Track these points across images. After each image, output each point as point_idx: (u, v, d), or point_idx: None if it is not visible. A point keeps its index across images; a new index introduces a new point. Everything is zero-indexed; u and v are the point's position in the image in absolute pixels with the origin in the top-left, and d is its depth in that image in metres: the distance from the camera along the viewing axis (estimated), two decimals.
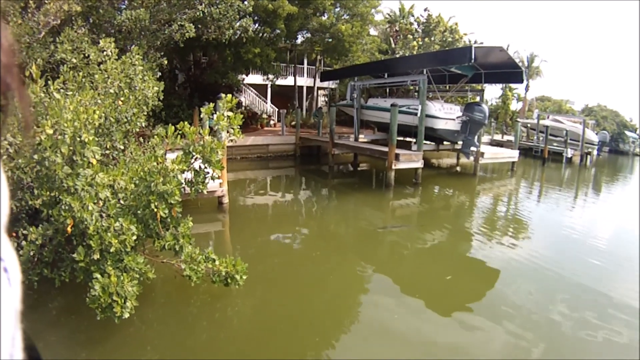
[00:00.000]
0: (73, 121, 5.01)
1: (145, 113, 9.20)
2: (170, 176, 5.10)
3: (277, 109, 31.09)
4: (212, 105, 5.75)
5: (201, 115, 5.66)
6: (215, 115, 5.81)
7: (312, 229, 11.69)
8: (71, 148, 5.11)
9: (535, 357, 5.59)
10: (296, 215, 13.22)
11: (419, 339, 5.98)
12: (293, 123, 27.12)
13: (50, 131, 4.92)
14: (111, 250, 4.83)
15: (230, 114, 5.73)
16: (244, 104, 30.59)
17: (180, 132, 5.54)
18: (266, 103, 32.22)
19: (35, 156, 5.14)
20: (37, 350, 0.74)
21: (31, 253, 5.52)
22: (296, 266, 8.60)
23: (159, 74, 17.93)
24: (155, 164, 5.16)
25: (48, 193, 5.39)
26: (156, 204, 5.05)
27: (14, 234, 5.78)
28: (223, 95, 5.80)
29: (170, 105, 20.29)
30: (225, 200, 11.95)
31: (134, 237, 5.01)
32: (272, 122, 30.90)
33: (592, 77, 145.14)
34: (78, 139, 5.07)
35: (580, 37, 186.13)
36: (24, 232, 5.57)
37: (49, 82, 5.84)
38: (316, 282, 7.82)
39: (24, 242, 5.53)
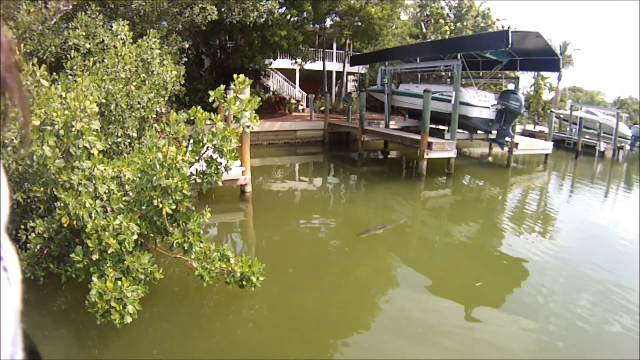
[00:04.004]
0: (64, 110, 4.54)
1: (166, 98, 8.84)
2: (174, 169, 4.58)
3: (305, 94, 30.50)
4: (222, 87, 5.18)
5: (210, 99, 5.12)
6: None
7: (338, 220, 11.16)
8: (65, 139, 4.66)
9: (556, 355, 5.33)
10: (323, 206, 12.69)
11: (443, 337, 5.63)
12: (322, 108, 26.57)
13: (37, 122, 4.47)
14: (109, 251, 4.37)
15: (243, 96, 5.18)
16: (271, 88, 30.19)
17: (187, 117, 5.07)
18: (294, 88, 31.69)
19: (22, 150, 4.73)
20: (37, 350, 0.72)
21: (37, 247, 5.21)
22: (320, 261, 8.11)
23: (185, 59, 17.70)
24: (160, 155, 4.65)
25: (42, 189, 4.98)
26: (160, 199, 4.55)
27: (23, 227, 5.52)
28: (235, 75, 5.24)
29: (195, 90, 19.96)
30: (248, 189, 11.49)
31: (134, 237, 4.53)
32: (300, 107, 30.36)
33: (623, 68, 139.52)
34: (72, 129, 4.60)
35: (611, 27, 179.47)
36: (32, 224, 5.24)
37: (35, 68, 5.40)
38: (341, 279, 7.34)
39: (31, 235, 5.24)
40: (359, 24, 24.85)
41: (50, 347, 5.07)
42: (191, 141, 5.23)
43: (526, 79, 38.97)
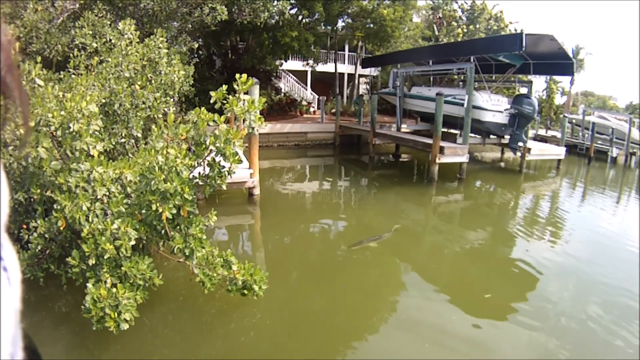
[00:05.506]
0: (59, 111, 4.40)
1: (175, 99, 8.74)
2: (173, 172, 4.41)
3: (317, 96, 30.40)
4: (225, 87, 5.02)
5: (211, 100, 4.96)
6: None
7: (348, 224, 11.00)
8: (62, 141, 4.54)
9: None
10: (332, 209, 12.53)
11: (450, 348, 5.50)
12: (333, 111, 26.42)
13: (32, 123, 4.34)
14: (105, 256, 4.22)
15: (247, 97, 5.01)
16: (283, 90, 30.07)
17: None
18: (306, 90, 31.57)
19: (17, 152, 4.62)
20: (37, 350, 0.72)
21: (38, 247, 5.14)
22: (327, 266, 7.96)
23: (197, 59, 17.64)
24: (160, 157, 4.49)
25: (39, 191, 4.86)
26: (158, 204, 4.39)
27: (25, 226, 5.43)
28: (238, 75, 5.08)
29: (205, 90, 19.87)
30: (256, 191, 11.33)
31: (132, 242, 4.38)
32: (311, 110, 30.23)
33: (635, 73, 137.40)
34: (68, 130, 4.46)
35: (623, 31, 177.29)
36: (34, 224, 5.14)
37: (31, 67, 5.27)
38: (347, 285, 7.18)
39: (33, 236, 5.16)
40: (371, 25, 24.59)
41: (51, 347, 5.04)
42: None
43: (538, 83, 38.51)
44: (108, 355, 4.91)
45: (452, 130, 18.90)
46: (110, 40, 8.13)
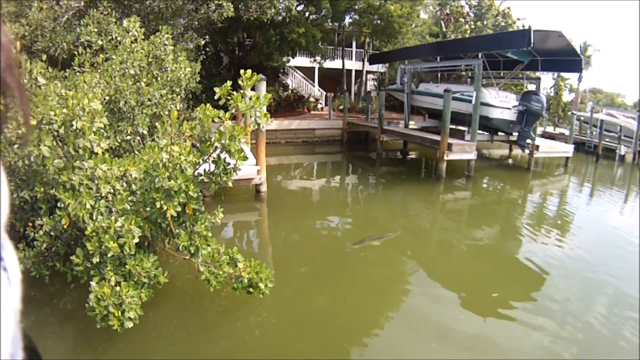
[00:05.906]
0: (62, 108, 4.38)
1: (182, 96, 8.73)
2: (177, 170, 4.38)
3: (324, 93, 30.32)
4: (229, 83, 4.98)
5: (215, 97, 4.92)
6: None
7: (355, 222, 10.94)
8: (66, 139, 4.51)
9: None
10: (339, 206, 12.47)
11: (456, 340, 5.57)
12: (341, 107, 26.36)
13: (34, 122, 4.32)
14: (109, 254, 4.19)
15: (252, 93, 4.97)
16: (290, 86, 29.99)
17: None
18: (313, 86, 31.49)
19: (19, 151, 4.60)
20: (37, 350, 0.72)
21: (44, 245, 5.12)
22: (333, 265, 7.89)
23: (204, 56, 17.64)
24: (164, 155, 4.46)
25: (42, 189, 4.84)
26: (163, 202, 4.36)
27: (31, 224, 5.42)
28: (242, 71, 5.03)
29: (212, 87, 19.81)
30: (263, 188, 11.30)
31: (136, 240, 4.35)
32: (319, 106, 30.16)
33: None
34: (71, 128, 4.43)
35: (630, 28, 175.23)
36: (40, 222, 5.13)
37: (33, 66, 5.25)
38: (353, 284, 7.12)
39: (38, 233, 5.14)
40: (378, 22, 24.48)
41: (56, 344, 5.06)
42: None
43: (546, 79, 38.19)
44: (113, 352, 4.89)
45: (460, 127, 18.78)
46: (116, 37, 8.12)
